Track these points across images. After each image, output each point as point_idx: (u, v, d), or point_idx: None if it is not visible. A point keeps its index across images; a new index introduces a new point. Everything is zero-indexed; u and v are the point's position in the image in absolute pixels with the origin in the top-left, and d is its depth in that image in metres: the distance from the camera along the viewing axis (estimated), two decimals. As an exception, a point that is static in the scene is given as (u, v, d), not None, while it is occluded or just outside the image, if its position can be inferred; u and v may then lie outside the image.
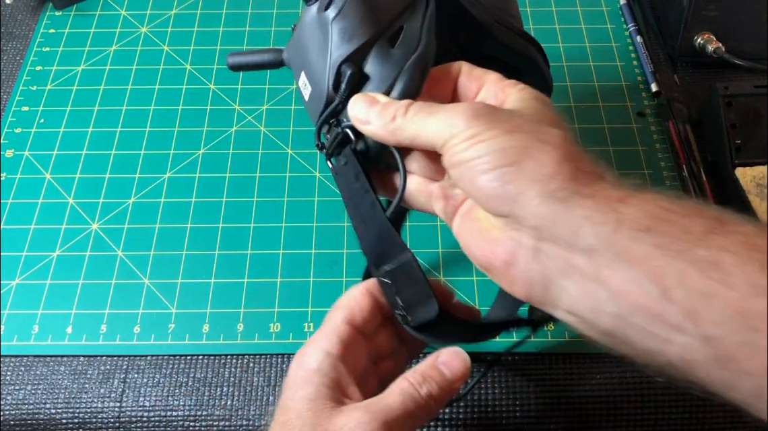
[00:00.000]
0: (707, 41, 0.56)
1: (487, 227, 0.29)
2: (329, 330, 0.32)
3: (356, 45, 0.32)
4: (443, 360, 0.31)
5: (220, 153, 0.54)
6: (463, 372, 0.31)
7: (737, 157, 0.51)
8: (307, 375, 0.30)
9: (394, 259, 0.31)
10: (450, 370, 0.31)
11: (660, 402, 0.43)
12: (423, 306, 0.31)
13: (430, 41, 0.32)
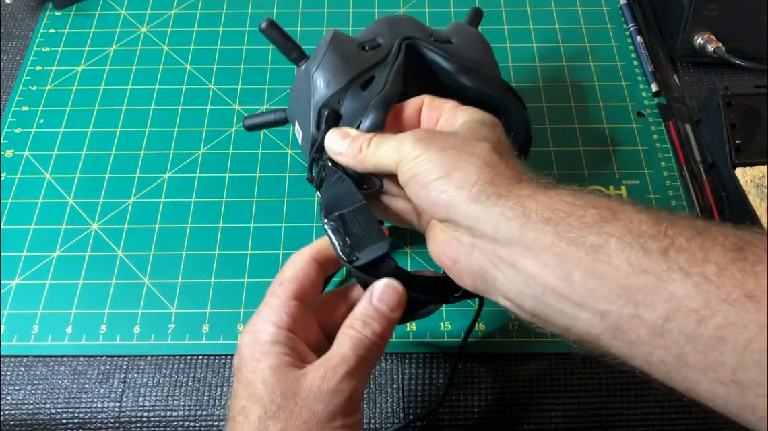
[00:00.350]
0: (707, 41, 0.56)
1: (439, 233, 0.34)
2: (277, 305, 0.33)
3: (332, 91, 0.39)
4: (377, 296, 0.33)
5: (220, 153, 0.55)
6: (398, 301, 0.33)
7: (737, 157, 0.51)
8: (265, 348, 0.31)
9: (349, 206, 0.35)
10: (386, 304, 0.33)
11: (661, 402, 0.43)
12: (373, 244, 0.34)
13: (394, 84, 0.38)
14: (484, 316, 0.46)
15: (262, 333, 0.32)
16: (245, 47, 0.61)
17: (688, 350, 0.24)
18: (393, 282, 0.33)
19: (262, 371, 0.31)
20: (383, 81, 0.39)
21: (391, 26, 0.42)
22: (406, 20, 0.43)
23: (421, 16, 0.64)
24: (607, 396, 0.43)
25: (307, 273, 0.34)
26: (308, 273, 0.35)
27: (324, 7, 0.65)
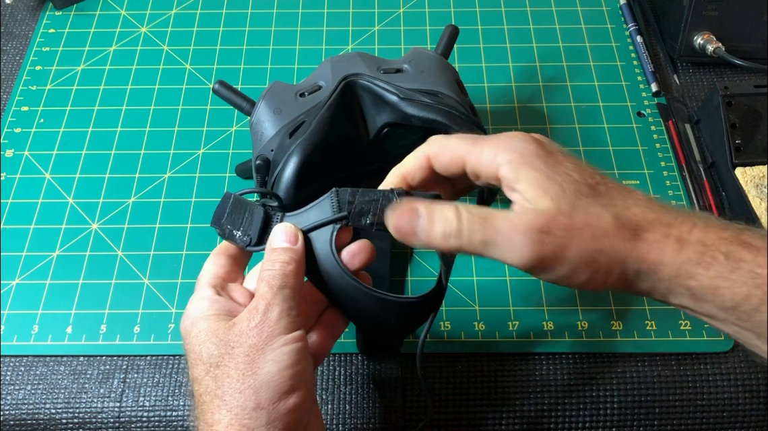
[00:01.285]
0: (707, 41, 0.56)
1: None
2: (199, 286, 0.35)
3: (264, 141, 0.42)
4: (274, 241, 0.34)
5: (220, 153, 0.54)
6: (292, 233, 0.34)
7: (737, 156, 0.51)
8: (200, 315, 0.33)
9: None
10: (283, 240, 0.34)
11: (661, 401, 0.43)
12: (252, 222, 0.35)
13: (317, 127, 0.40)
14: (484, 316, 0.46)
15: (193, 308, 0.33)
16: (245, 47, 0.61)
17: None
18: (281, 225, 0.34)
19: (197, 337, 0.32)
20: (307, 126, 0.40)
21: (334, 66, 0.43)
22: (352, 57, 0.44)
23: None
24: (607, 396, 0.43)
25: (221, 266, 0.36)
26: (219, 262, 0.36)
27: (324, 7, 0.65)
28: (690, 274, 0.28)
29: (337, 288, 0.34)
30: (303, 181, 0.40)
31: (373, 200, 0.33)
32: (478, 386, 0.44)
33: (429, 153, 0.34)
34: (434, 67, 0.45)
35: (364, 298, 0.34)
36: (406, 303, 0.34)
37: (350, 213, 0.33)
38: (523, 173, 0.30)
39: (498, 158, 0.31)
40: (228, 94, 0.46)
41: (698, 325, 0.46)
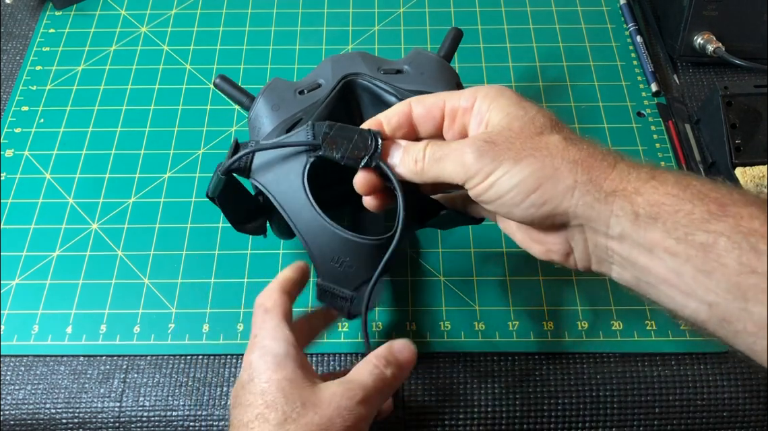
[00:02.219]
0: (707, 41, 0.56)
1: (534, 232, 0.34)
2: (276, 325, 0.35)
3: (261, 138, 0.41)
4: (397, 348, 0.35)
5: (219, 153, 0.55)
6: (411, 359, 0.36)
7: (737, 156, 0.51)
8: (278, 361, 0.33)
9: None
10: (403, 357, 0.35)
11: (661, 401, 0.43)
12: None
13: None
14: (484, 316, 0.46)
15: (273, 347, 0.33)
16: (245, 47, 0.61)
17: None
18: (409, 343, 0.36)
19: (278, 382, 0.32)
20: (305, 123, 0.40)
21: (335, 65, 0.43)
22: (353, 57, 0.44)
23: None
24: (607, 396, 0.43)
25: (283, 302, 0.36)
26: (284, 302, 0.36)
27: (324, 7, 0.65)
28: (637, 190, 0.29)
29: (304, 223, 0.36)
30: None
31: (349, 136, 0.34)
32: (477, 386, 0.44)
33: (411, 99, 0.35)
34: (435, 69, 0.45)
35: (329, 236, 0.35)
36: (370, 245, 0.35)
37: (323, 142, 0.34)
38: (495, 102, 0.33)
39: (476, 93, 0.34)
40: (228, 89, 0.46)
41: (698, 325, 0.46)
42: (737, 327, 0.27)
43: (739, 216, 0.27)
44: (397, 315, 0.46)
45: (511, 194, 0.31)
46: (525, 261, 0.49)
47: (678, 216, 0.28)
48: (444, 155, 0.33)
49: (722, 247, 0.27)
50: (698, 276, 0.27)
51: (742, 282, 0.26)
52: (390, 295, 0.47)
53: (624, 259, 0.30)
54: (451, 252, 0.49)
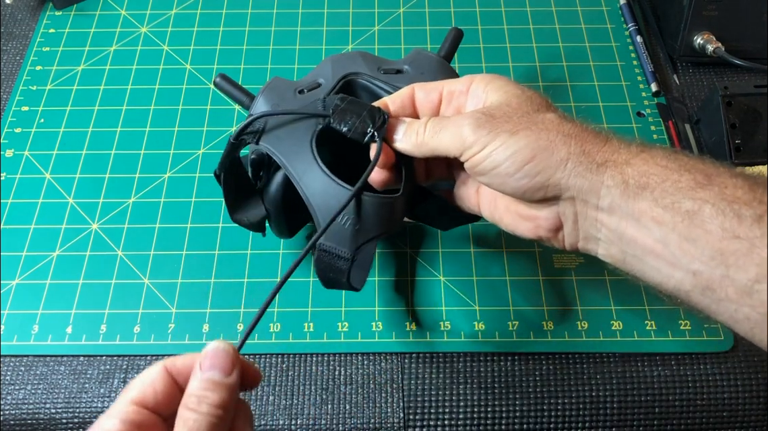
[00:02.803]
0: (707, 41, 0.56)
1: (524, 208, 0.34)
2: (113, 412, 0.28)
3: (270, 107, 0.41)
4: (206, 365, 0.29)
5: (219, 153, 0.54)
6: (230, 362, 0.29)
7: (737, 156, 0.51)
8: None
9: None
10: (218, 370, 0.29)
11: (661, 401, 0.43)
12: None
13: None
14: (484, 316, 0.46)
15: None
16: (245, 47, 0.61)
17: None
18: (220, 344, 0.30)
19: None
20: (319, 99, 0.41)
21: (335, 65, 0.44)
22: (353, 56, 0.45)
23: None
24: (607, 396, 0.43)
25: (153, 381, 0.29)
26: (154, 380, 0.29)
27: (324, 7, 0.65)
28: (628, 162, 0.30)
29: (309, 183, 0.36)
30: None
31: (358, 111, 0.36)
32: (477, 385, 0.44)
33: (414, 84, 0.38)
34: (435, 69, 0.45)
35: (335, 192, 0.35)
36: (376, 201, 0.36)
37: (333, 113, 0.36)
38: (492, 84, 0.35)
39: (472, 78, 0.36)
40: (228, 88, 0.46)
41: (698, 325, 0.46)
42: (720, 295, 0.28)
43: (724, 186, 0.28)
44: (397, 315, 0.46)
45: (506, 164, 0.32)
46: (525, 261, 0.49)
47: (666, 185, 0.29)
48: (443, 127, 0.34)
49: (707, 214, 0.28)
50: (683, 243, 0.28)
51: (725, 248, 0.27)
52: (390, 295, 0.47)
53: (612, 232, 0.31)
54: (451, 252, 0.49)
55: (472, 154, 0.33)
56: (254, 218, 0.43)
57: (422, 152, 0.35)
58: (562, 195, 0.32)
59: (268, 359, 0.45)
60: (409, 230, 0.50)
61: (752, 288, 0.26)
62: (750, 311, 0.27)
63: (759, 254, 0.26)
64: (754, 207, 0.27)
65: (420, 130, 0.35)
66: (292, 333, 0.46)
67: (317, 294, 0.47)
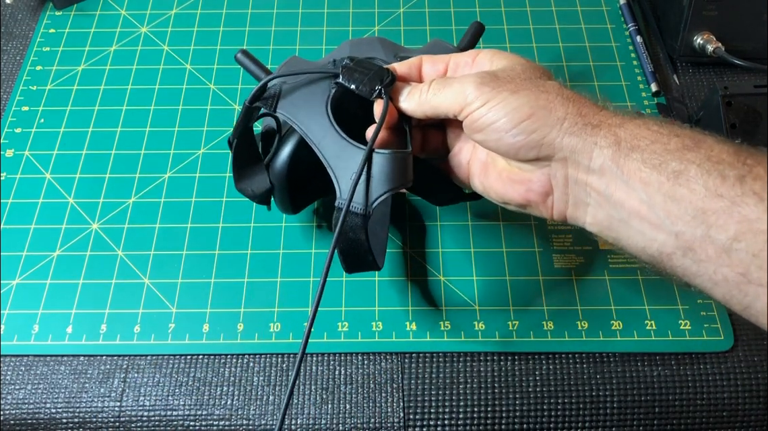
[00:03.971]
0: (707, 41, 0.56)
1: (516, 172, 0.35)
2: None
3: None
4: None
5: (219, 153, 0.55)
6: None
7: (737, 156, 0.51)
8: None
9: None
10: None
11: (661, 401, 0.43)
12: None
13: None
14: (483, 316, 0.46)
15: None
16: (245, 47, 0.61)
17: (753, 268, 0.27)
18: None
19: None
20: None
21: (353, 48, 0.44)
22: (371, 41, 0.45)
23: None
24: (607, 396, 0.43)
25: None
26: None
27: (324, 7, 0.65)
28: (621, 125, 0.31)
29: (326, 145, 0.37)
30: (304, 157, 0.41)
31: (366, 71, 0.38)
32: (477, 385, 0.44)
33: (423, 56, 0.39)
34: None
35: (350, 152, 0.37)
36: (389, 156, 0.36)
37: (343, 71, 0.38)
38: (498, 55, 0.36)
39: (479, 51, 0.38)
40: (248, 64, 0.47)
41: (698, 325, 0.46)
42: (700, 255, 0.28)
43: (710, 149, 0.29)
44: (397, 315, 0.46)
45: (504, 120, 0.33)
46: (525, 261, 0.49)
47: (655, 146, 0.30)
48: (447, 84, 0.35)
49: (692, 173, 0.28)
50: (667, 203, 0.29)
51: (707, 207, 0.28)
52: (390, 295, 0.47)
53: (600, 195, 0.32)
54: (451, 252, 0.49)
55: (472, 110, 0.34)
56: (258, 190, 0.43)
57: (424, 110, 0.37)
58: (554, 155, 0.33)
59: (268, 359, 0.45)
60: (409, 230, 0.50)
61: (731, 246, 0.27)
62: (728, 271, 0.28)
63: (739, 212, 0.27)
64: (737, 168, 0.28)
65: (424, 89, 0.37)
66: (292, 333, 0.46)
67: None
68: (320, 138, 0.38)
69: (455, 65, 0.38)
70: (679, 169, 0.29)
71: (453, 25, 0.63)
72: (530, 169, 0.34)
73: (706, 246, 0.28)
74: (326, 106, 0.38)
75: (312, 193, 0.47)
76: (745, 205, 0.27)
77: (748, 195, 0.27)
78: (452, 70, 0.38)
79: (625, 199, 0.31)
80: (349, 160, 0.37)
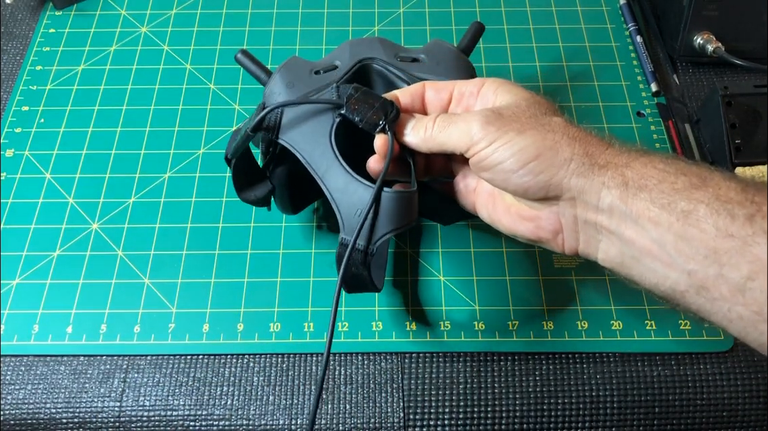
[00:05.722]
0: (707, 41, 0.56)
1: (525, 209, 0.35)
2: None
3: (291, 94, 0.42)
4: None
5: (219, 153, 0.55)
6: None
7: (737, 156, 0.51)
8: None
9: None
10: None
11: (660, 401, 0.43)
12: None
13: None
14: (484, 316, 0.46)
15: None
16: (245, 47, 0.61)
17: None
18: None
19: None
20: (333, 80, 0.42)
21: (353, 48, 0.44)
22: (371, 41, 0.45)
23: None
24: (607, 396, 0.43)
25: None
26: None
27: (324, 7, 0.65)
28: (628, 164, 0.31)
29: (331, 179, 0.37)
30: None
31: (371, 102, 0.37)
32: (477, 385, 0.44)
33: (426, 82, 0.39)
34: (451, 60, 0.45)
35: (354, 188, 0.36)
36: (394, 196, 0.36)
37: (347, 103, 0.37)
38: (502, 87, 0.36)
39: (484, 81, 0.37)
40: (248, 64, 0.47)
41: (698, 325, 0.46)
42: (714, 293, 0.28)
43: (718, 187, 0.29)
44: (397, 315, 0.46)
45: (511, 161, 0.33)
46: (525, 261, 0.49)
47: (663, 186, 0.30)
48: (452, 122, 0.35)
49: (701, 213, 0.28)
50: (679, 243, 0.29)
51: (718, 247, 0.28)
52: (390, 295, 0.47)
53: (611, 233, 0.32)
54: (451, 252, 0.49)
55: (478, 150, 0.34)
56: (261, 194, 0.44)
57: (429, 147, 0.36)
58: (562, 195, 0.33)
59: (268, 359, 0.45)
60: (409, 230, 0.50)
61: (745, 285, 0.27)
62: (743, 310, 0.28)
63: (751, 252, 0.27)
64: (746, 206, 0.28)
65: (429, 125, 0.36)
66: (292, 333, 0.46)
67: (317, 294, 0.47)
68: (324, 170, 0.37)
69: (459, 95, 0.37)
70: (688, 209, 0.29)
71: (453, 25, 0.63)
72: (539, 206, 0.34)
73: (719, 285, 0.28)
74: (330, 137, 0.38)
75: (312, 194, 0.47)
76: (756, 244, 0.27)
77: (759, 234, 0.27)
78: (456, 99, 0.38)
79: (635, 237, 0.31)
80: (352, 195, 0.36)
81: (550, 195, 0.33)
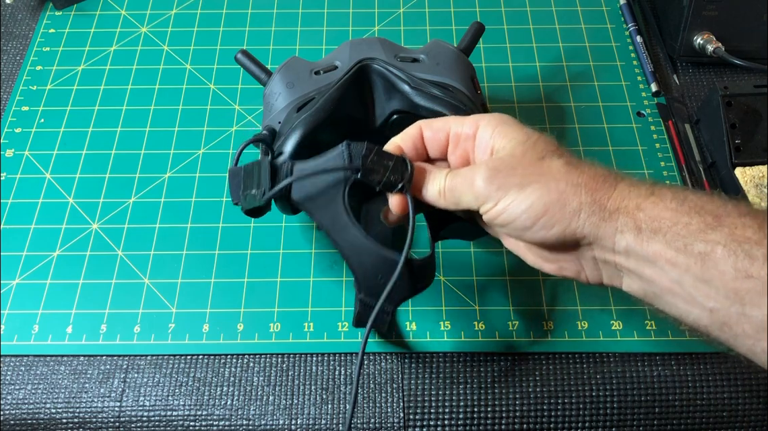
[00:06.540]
0: (707, 41, 0.56)
1: (546, 253, 0.35)
2: None
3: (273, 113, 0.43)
4: None
5: (219, 153, 0.55)
6: None
7: (737, 156, 0.51)
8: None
9: None
10: None
11: (660, 401, 0.43)
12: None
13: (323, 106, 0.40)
14: (484, 316, 0.46)
15: None
16: (245, 47, 0.61)
17: None
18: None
19: None
20: (316, 102, 0.41)
21: (353, 49, 0.44)
22: (371, 42, 0.45)
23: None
24: (607, 396, 0.43)
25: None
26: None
27: (324, 7, 0.65)
28: (638, 207, 0.31)
29: (348, 243, 0.36)
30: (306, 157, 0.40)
31: (385, 163, 0.36)
32: (477, 385, 0.44)
33: (421, 123, 0.38)
34: (451, 60, 0.45)
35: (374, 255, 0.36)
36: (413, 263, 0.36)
37: (364, 166, 0.35)
38: (498, 129, 0.35)
39: (479, 121, 0.36)
40: (248, 64, 0.47)
41: (698, 325, 0.46)
42: (737, 331, 0.28)
43: (734, 226, 0.29)
44: (397, 315, 0.46)
45: (521, 219, 0.33)
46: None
47: (677, 228, 0.30)
48: (456, 184, 0.35)
49: (719, 255, 0.28)
50: (698, 284, 0.29)
51: (739, 287, 0.28)
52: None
53: (631, 272, 0.32)
54: (451, 252, 0.49)
55: (487, 209, 0.34)
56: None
57: (447, 205, 0.36)
58: (580, 242, 0.33)
59: (268, 359, 0.45)
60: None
61: None
62: None
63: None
64: (764, 246, 0.28)
65: (441, 187, 0.36)
66: (292, 333, 0.46)
67: (317, 294, 0.47)
68: (338, 229, 0.37)
69: (456, 137, 0.37)
70: (706, 251, 0.29)
71: (453, 25, 0.63)
72: (560, 252, 0.35)
73: (742, 323, 0.28)
74: (343, 199, 0.37)
75: None
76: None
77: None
78: (453, 143, 0.37)
79: (655, 277, 0.31)
80: (369, 256, 0.36)
81: (567, 243, 0.33)
